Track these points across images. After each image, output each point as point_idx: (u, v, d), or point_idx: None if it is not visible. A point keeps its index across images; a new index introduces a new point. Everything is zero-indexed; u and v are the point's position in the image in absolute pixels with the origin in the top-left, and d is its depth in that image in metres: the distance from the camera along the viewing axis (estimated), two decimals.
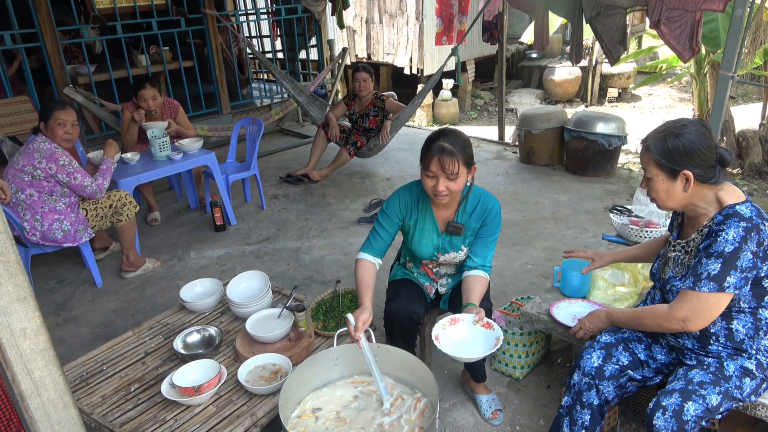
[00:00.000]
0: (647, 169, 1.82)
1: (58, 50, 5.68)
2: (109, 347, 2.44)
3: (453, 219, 2.28)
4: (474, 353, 1.98)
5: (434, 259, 2.37)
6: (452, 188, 2.11)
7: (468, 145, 2.15)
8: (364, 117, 5.44)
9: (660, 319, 1.84)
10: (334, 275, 3.75)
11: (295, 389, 1.96)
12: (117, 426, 1.96)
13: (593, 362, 1.97)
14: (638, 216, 3.01)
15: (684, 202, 1.82)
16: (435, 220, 2.31)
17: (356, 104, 5.47)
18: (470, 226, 2.27)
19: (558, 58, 10.69)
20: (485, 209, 2.26)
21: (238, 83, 7.83)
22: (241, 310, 2.53)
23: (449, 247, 2.31)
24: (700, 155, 1.73)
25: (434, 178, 2.11)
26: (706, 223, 1.80)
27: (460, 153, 2.07)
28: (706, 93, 6.72)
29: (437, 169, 2.08)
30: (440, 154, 2.06)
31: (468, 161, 2.12)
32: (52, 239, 3.40)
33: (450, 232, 2.27)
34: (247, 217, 4.79)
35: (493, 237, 2.28)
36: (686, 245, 1.89)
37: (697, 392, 1.72)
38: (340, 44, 9.66)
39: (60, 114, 3.38)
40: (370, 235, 2.33)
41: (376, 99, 5.38)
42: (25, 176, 3.31)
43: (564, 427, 2.03)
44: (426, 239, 2.32)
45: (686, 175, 1.75)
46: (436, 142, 2.09)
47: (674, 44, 4.13)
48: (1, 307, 0.97)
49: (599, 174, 5.34)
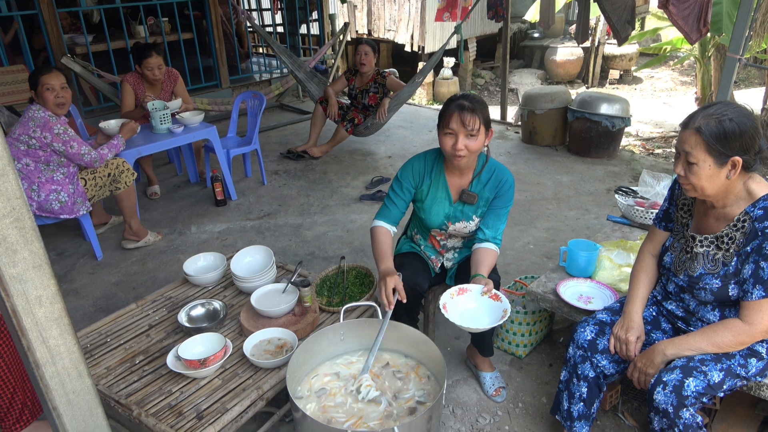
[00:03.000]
0: (693, 153, 1.67)
1: (55, 18, 5.57)
2: (113, 319, 2.43)
3: (467, 188, 2.29)
4: (481, 324, 1.99)
5: (444, 228, 2.36)
6: (471, 147, 2.12)
7: (486, 107, 2.16)
8: (364, 93, 5.30)
9: (741, 336, 1.71)
10: (336, 252, 3.75)
11: (302, 363, 1.96)
12: (123, 397, 1.96)
13: (586, 335, 1.98)
14: (643, 197, 3.00)
15: (721, 191, 1.73)
16: (448, 188, 2.31)
17: (357, 80, 5.32)
18: (483, 195, 2.28)
19: (560, 38, 10.60)
20: (499, 180, 2.27)
21: (237, 57, 7.72)
22: (246, 285, 2.52)
23: (460, 215, 2.31)
24: (751, 141, 1.65)
25: (453, 136, 2.11)
26: (739, 216, 1.73)
27: (479, 111, 2.09)
28: (710, 76, 6.69)
29: (457, 126, 2.09)
30: (461, 110, 2.08)
31: (486, 121, 2.14)
32: (49, 210, 3.36)
33: (463, 201, 2.28)
34: (247, 193, 4.76)
35: (506, 209, 2.29)
36: (717, 240, 1.79)
37: (699, 368, 1.73)
38: (341, 20, 9.53)
39: (46, 78, 3.25)
40: (385, 204, 2.35)
41: (378, 75, 5.23)
42: (21, 145, 3.25)
43: (563, 401, 2.06)
44: (437, 207, 2.32)
45: (735, 161, 1.64)
46: (456, 101, 2.12)
47: (682, 25, 4.09)
48: (17, 274, 0.95)
49: (602, 155, 5.32)
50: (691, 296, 1.88)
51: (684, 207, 1.95)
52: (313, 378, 1.99)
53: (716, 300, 1.80)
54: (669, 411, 1.69)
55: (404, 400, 1.88)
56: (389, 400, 1.87)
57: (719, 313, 1.82)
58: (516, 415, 2.39)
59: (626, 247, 2.58)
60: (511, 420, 2.36)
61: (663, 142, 6.46)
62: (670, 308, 1.96)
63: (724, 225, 1.78)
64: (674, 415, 1.69)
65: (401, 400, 1.89)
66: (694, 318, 1.88)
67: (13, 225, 0.93)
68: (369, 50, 5.10)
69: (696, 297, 1.85)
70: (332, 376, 2.00)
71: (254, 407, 1.94)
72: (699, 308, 1.86)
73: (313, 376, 2.00)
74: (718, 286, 1.77)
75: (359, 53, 5.11)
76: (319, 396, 1.90)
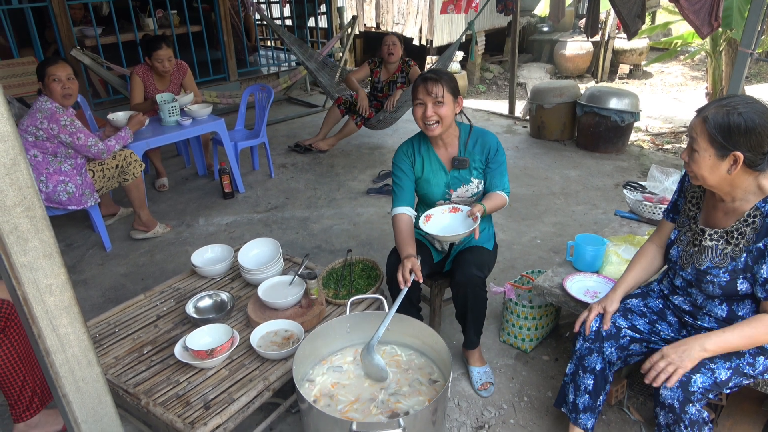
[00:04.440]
0: (697, 140, 1.67)
1: (65, 11, 5.59)
2: (121, 310, 2.46)
3: (456, 155, 2.42)
4: (450, 232, 2.20)
5: (447, 197, 2.44)
6: (440, 113, 2.25)
7: (452, 78, 2.31)
8: (391, 84, 5.15)
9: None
10: (343, 245, 3.75)
11: (309, 354, 1.97)
12: (131, 386, 1.98)
13: (592, 327, 1.99)
14: (652, 192, 2.99)
15: (724, 183, 1.70)
16: (440, 160, 2.43)
17: (382, 71, 5.19)
18: (474, 158, 2.41)
19: (570, 32, 10.52)
20: (485, 144, 2.41)
21: (246, 50, 7.72)
22: (253, 277, 2.54)
23: (459, 181, 2.42)
24: (758, 138, 1.60)
25: (422, 106, 2.26)
26: (750, 212, 1.72)
27: (444, 80, 2.25)
28: (721, 71, 6.62)
29: (424, 95, 2.24)
30: (424, 81, 2.24)
31: (453, 90, 2.28)
32: (57, 201, 3.38)
33: (456, 167, 2.40)
34: (255, 185, 4.78)
35: (503, 166, 2.43)
36: (727, 235, 1.78)
37: (707, 365, 1.72)
38: (349, 12, 9.51)
39: (52, 69, 3.26)
40: (394, 191, 2.45)
41: (404, 64, 5.08)
42: (28, 137, 3.27)
43: (569, 394, 2.06)
44: (436, 178, 2.43)
45: (736, 156, 1.62)
46: (422, 75, 2.30)
47: (693, 19, 4.05)
48: (27, 263, 0.96)
49: (610, 150, 5.29)
50: (698, 291, 1.87)
51: (693, 200, 1.94)
52: (321, 369, 2.01)
53: (724, 294, 1.79)
54: (675, 406, 1.69)
55: (410, 394, 1.90)
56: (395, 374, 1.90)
57: (727, 307, 1.82)
58: (521, 408, 2.39)
59: (634, 242, 2.57)
60: (516, 413, 2.37)
61: (672, 138, 6.41)
62: (677, 302, 1.95)
63: (733, 220, 1.77)
64: (680, 410, 1.69)
65: (406, 393, 1.90)
66: (702, 312, 1.88)
67: (24, 214, 0.94)
68: (396, 40, 4.99)
69: (704, 291, 1.84)
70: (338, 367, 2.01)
71: (261, 398, 1.96)
72: (706, 303, 1.86)
73: (321, 368, 2.01)
74: (726, 281, 1.76)
75: (386, 44, 4.99)
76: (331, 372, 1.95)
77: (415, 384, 1.94)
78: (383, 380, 1.93)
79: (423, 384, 1.94)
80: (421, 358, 2.06)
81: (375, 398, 1.87)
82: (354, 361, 2.04)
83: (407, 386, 1.93)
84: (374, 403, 1.85)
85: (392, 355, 2.08)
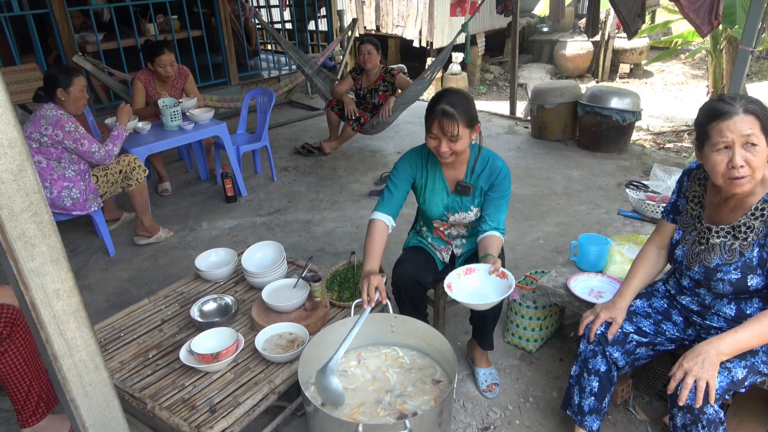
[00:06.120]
0: (754, 133, 1.62)
1: (66, 17, 5.61)
2: (126, 314, 2.46)
3: (462, 179, 2.32)
4: (485, 300, 1.99)
5: (444, 218, 2.39)
6: (455, 149, 2.14)
7: (470, 105, 2.16)
8: (372, 92, 5.21)
9: None
10: (346, 247, 3.76)
11: (313, 357, 1.97)
12: (137, 391, 1.98)
13: (598, 330, 1.98)
14: (655, 191, 2.99)
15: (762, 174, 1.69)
16: (444, 180, 2.34)
17: (363, 79, 5.24)
18: (478, 185, 2.31)
19: (570, 32, 10.52)
20: (492, 171, 2.29)
21: (246, 54, 7.74)
22: (257, 280, 2.54)
23: (459, 207, 2.34)
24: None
25: (437, 139, 2.15)
26: (757, 205, 1.72)
27: (460, 115, 2.09)
28: (722, 69, 6.62)
29: (438, 132, 2.12)
30: (441, 117, 2.09)
31: (470, 122, 2.14)
32: (61, 207, 3.40)
33: (459, 192, 2.31)
34: (257, 189, 4.78)
35: (504, 199, 2.30)
36: (734, 230, 1.77)
37: (724, 365, 1.71)
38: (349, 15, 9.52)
39: (80, 80, 3.39)
40: (383, 194, 2.36)
41: (386, 73, 5.13)
42: (32, 143, 3.29)
43: (574, 396, 2.05)
44: (436, 198, 2.35)
45: None
46: (438, 104, 2.11)
47: (693, 18, 4.05)
48: (35, 268, 0.97)
49: (612, 150, 5.29)
50: (707, 290, 1.87)
51: (694, 199, 1.94)
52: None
53: (734, 292, 1.78)
54: (693, 407, 1.68)
55: (415, 394, 1.90)
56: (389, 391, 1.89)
57: (735, 306, 1.81)
58: (526, 409, 2.39)
59: (637, 241, 2.57)
60: (522, 414, 2.37)
61: (674, 136, 6.40)
62: (685, 302, 1.95)
63: (740, 214, 1.77)
64: (699, 411, 1.68)
65: (411, 393, 1.90)
66: (710, 312, 1.87)
67: (31, 219, 0.94)
68: (371, 49, 5.00)
69: (713, 290, 1.83)
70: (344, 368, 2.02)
71: (266, 401, 1.96)
72: (715, 302, 1.85)
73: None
74: (737, 278, 1.76)
75: (362, 53, 5.03)
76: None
77: (418, 384, 1.95)
78: (340, 405, 1.83)
79: (426, 383, 1.94)
80: (425, 359, 2.06)
81: (381, 401, 1.87)
82: (359, 364, 2.04)
83: (411, 386, 1.94)
84: (381, 405, 1.85)
85: (394, 357, 2.08)
